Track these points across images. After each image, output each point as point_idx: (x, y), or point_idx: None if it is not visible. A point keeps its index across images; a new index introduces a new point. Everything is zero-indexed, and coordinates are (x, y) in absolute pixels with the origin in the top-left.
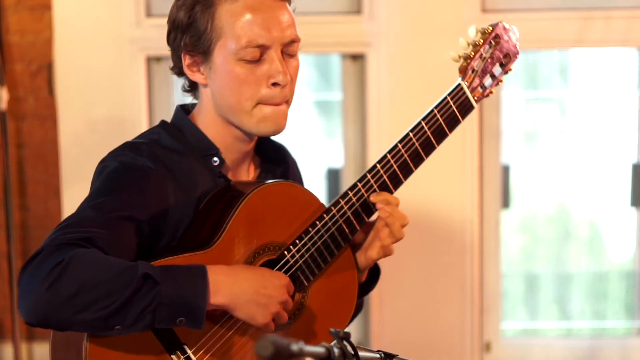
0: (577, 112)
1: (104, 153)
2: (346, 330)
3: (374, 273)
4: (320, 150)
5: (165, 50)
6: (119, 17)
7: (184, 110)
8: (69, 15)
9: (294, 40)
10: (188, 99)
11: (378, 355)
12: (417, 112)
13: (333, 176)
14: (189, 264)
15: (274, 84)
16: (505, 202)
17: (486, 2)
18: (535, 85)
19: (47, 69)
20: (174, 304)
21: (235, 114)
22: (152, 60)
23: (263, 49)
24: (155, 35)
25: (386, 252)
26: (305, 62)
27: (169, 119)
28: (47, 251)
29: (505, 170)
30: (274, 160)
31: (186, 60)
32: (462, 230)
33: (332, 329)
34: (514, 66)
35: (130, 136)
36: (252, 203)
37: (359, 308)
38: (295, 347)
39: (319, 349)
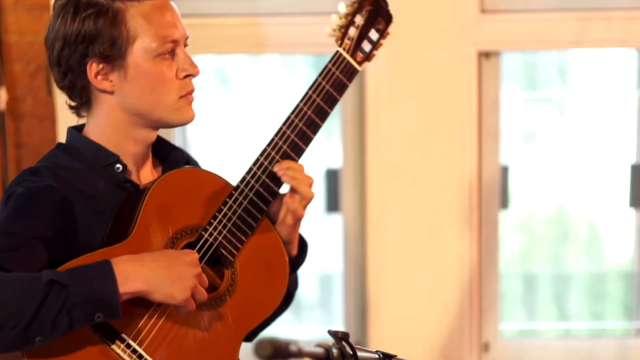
0: (576, 112)
1: None
2: (344, 330)
3: (303, 246)
4: (318, 150)
5: None
6: None
7: (77, 130)
8: None
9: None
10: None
11: (377, 356)
12: (416, 111)
13: (332, 176)
14: (103, 258)
15: (187, 76)
16: (504, 203)
17: (485, 3)
18: (534, 86)
19: (45, 69)
20: (86, 302)
21: (156, 111)
22: None
23: (175, 44)
24: None
25: (296, 215)
26: (303, 62)
27: None
28: None
29: (504, 170)
30: (173, 160)
31: (93, 70)
32: (460, 230)
33: (330, 330)
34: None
35: None
36: (158, 192)
37: (294, 284)
38: (293, 347)
39: (318, 350)
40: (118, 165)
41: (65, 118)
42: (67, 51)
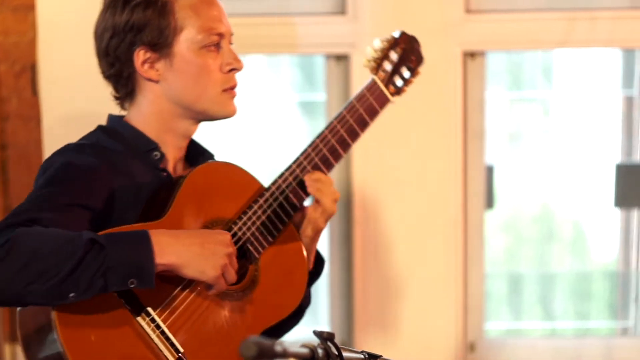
0: (561, 112)
1: None
2: (329, 330)
3: (319, 262)
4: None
5: None
6: None
7: (118, 117)
8: (53, 15)
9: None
10: None
11: (362, 356)
12: (401, 111)
13: None
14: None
15: (231, 70)
16: (489, 203)
17: (470, 3)
18: (519, 86)
19: (30, 70)
20: (122, 266)
21: (199, 102)
22: None
23: (220, 37)
24: None
25: (316, 227)
26: (289, 62)
27: None
28: None
29: (489, 170)
30: (200, 161)
31: (140, 58)
32: (446, 230)
33: (315, 330)
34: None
35: None
36: (195, 179)
37: (307, 299)
38: (279, 347)
39: (303, 350)
40: (156, 153)
41: (50, 118)
42: (116, 40)
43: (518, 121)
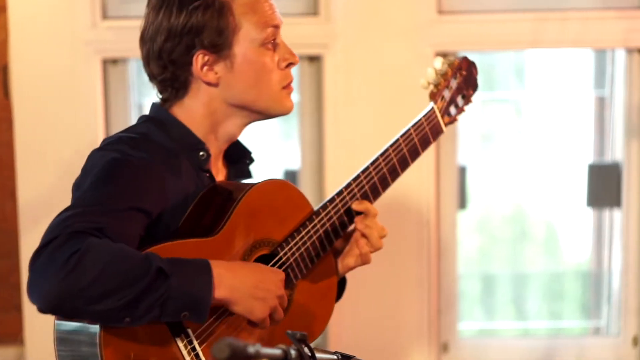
0: (534, 113)
1: (60, 155)
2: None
3: (341, 284)
4: (277, 151)
5: (121, 52)
6: (75, 19)
7: (163, 108)
8: (25, 17)
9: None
10: (144, 100)
11: (335, 357)
12: (373, 112)
13: (290, 177)
14: (194, 252)
15: (288, 65)
16: (462, 203)
17: (442, 4)
18: (492, 87)
19: (2, 71)
20: (179, 297)
21: (259, 102)
22: (108, 63)
23: (275, 30)
24: (111, 37)
25: (364, 261)
26: None
27: (125, 122)
28: (61, 239)
29: (462, 171)
30: (241, 161)
31: (199, 62)
32: (419, 231)
33: (288, 331)
34: (474, 98)
35: (86, 138)
36: (253, 197)
37: None
38: (251, 349)
39: (276, 351)
40: (202, 153)
41: (22, 120)
42: (171, 43)
43: (490, 122)
